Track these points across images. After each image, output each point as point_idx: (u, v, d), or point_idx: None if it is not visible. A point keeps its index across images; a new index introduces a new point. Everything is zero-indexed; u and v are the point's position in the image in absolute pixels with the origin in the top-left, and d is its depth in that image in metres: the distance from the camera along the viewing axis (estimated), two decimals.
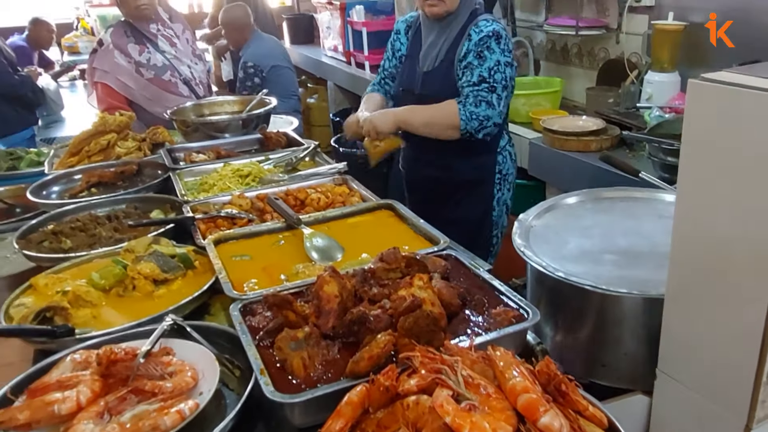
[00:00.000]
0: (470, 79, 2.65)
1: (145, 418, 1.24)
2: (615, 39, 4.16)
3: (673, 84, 3.63)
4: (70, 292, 1.68)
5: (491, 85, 2.63)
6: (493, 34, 2.64)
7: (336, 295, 1.49)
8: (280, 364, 1.38)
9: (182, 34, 4.10)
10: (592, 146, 3.62)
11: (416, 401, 1.14)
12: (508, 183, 3.03)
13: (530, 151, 4.08)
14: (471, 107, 2.62)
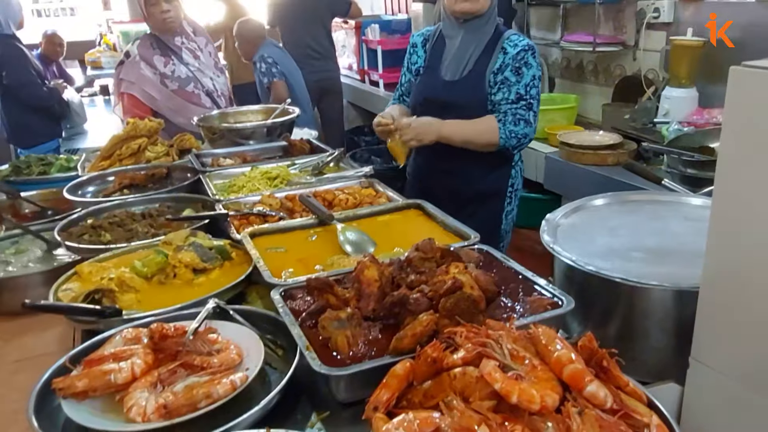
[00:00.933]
0: (508, 97, 2.67)
1: (197, 388, 1.28)
2: (632, 56, 4.23)
3: (691, 99, 3.68)
4: (115, 278, 1.73)
5: (528, 102, 2.66)
6: (529, 48, 2.68)
7: (376, 279, 1.54)
8: (324, 343, 1.42)
9: (205, 47, 4.20)
10: (609, 160, 3.68)
11: (463, 372, 1.18)
12: (516, 197, 3.06)
13: (546, 165, 4.13)
14: (510, 126, 2.65)
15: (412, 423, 1.06)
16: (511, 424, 1.09)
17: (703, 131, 3.35)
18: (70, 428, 1.32)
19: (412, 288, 1.56)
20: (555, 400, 1.11)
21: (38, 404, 1.33)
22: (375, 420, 1.14)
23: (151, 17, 3.90)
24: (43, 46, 6.57)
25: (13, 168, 3.44)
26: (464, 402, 1.13)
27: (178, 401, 1.26)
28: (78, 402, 1.32)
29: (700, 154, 3.05)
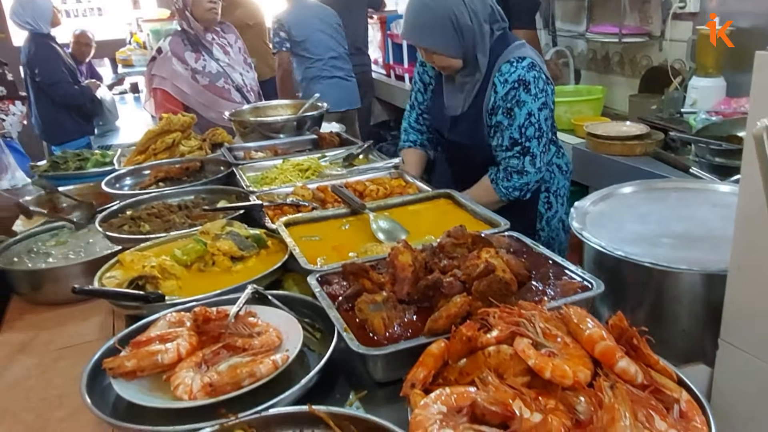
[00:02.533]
0: (502, 143, 2.50)
1: (240, 367, 1.34)
2: (658, 46, 4.20)
3: (718, 89, 3.65)
4: (156, 265, 1.80)
5: (523, 146, 2.46)
6: (520, 83, 2.39)
7: (410, 264, 1.59)
8: (361, 325, 1.47)
9: (234, 43, 4.27)
10: (636, 150, 3.67)
11: (497, 350, 1.22)
12: (561, 198, 2.84)
13: (573, 156, 4.13)
14: (504, 183, 2.53)
15: (449, 397, 1.11)
16: (545, 399, 1.13)
17: (730, 120, 3.32)
18: (120, 407, 1.39)
19: (444, 273, 1.61)
20: (587, 375, 1.14)
21: (89, 384, 1.40)
22: (412, 396, 1.18)
23: (197, 6, 3.95)
24: (72, 46, 6.72)
25: (51, 164, 3.54)
26: (499, 378, 1.17)
27: (222, 380, 1.31)
28: (127, 381, 1.39)
29: (728, 143, 3.03)
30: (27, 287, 2.18)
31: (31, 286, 2.18)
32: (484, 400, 1.08)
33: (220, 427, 1.20)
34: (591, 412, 1.09)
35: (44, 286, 2.15)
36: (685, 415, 1.15)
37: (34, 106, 5.77)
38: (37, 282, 2.17)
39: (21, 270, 2.22)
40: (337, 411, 1.23)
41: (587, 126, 3.95)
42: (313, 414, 1.22)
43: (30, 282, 2.17)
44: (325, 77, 5.65)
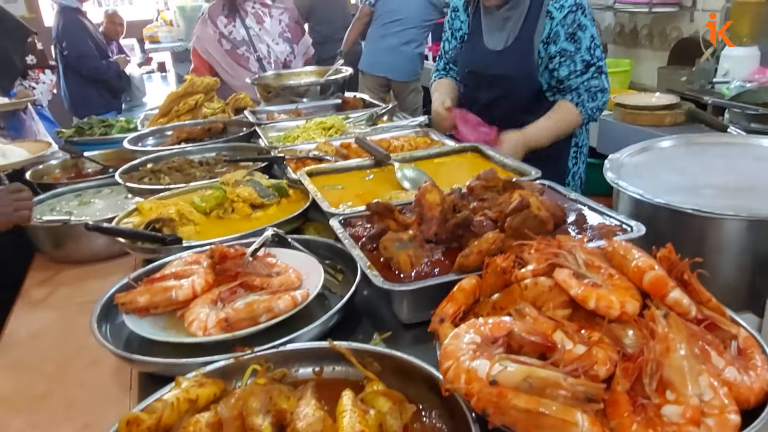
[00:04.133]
0: (574, 69, 2.42)
1: (258, 303, 1.26)
2: (689, 17, 4.04)
3: (752, 58, 3.50)
4: (175, 210, 1.73)
5: (597, 65, 2.43)
6: (578, 7, 2.38)
7: (437, 203, 1.49)
8: (386, 264, 1.38)
9: (279, 15, 4.19)
10: (666, 120, 3.53)
11: (534, 282, 1.12)
12: (583, 155, 2.83)
13: (600, 127, 4.00)
14: (590, 104, 2.46)
15: (482, 327, 1.01)
16: (588, 332, 1.02)
17: (766, 87, 3.19)
18: (133, 344, 1.32)
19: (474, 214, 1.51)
20: (635, 306, 1.04)
21: (101, 319, 1.34)
22: (442, 329, 1.09)
23: None
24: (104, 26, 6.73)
25: (76, 129, 3.52)
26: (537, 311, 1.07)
27: (238, 315, 1.24)
28: (139, 318, 1.32)
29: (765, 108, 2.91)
30: (49, 245, 2.13)
31: (53, 243, 2.13)
32: (522, 329, 0.98)
33: (236, 361, 1.12)
34: (640, 345, 0.99)
35: (66, 244, 2.11)
36: (744, 353, 1.04)
37: (62, 80, 5.77)
38: (59, 239, 2.12)
39: (43, 227, 2.17)
40: (359, 347, 1.14)
41: (615, 97, 3.83)
42: (334, 350, 1.13)
43: (52, 239, 2.12)
44: (390, 41, 5.52)
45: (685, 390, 0.89)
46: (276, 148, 2.40)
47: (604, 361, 0.96)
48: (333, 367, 1.15)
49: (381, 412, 0.96)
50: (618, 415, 0.91)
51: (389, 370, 1.11)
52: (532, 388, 0.90)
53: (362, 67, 5.65)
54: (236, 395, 0.97)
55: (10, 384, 1.41)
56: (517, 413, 0.84)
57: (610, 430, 0.90)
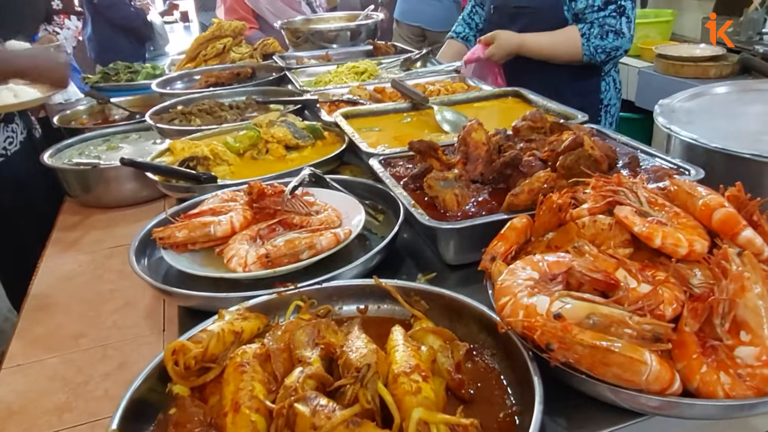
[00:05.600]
0: (593, 3, 2.28)
1: (299, 239, 1.22)
2: None
3: None
4: (208, 149, 1.69)
5: (618, 5, 2.25)
6: None
7: (483, 142, 1.42)
8: (430, 203, 1.32)
9: None
10: (711, 72, 3.38)
11: (593, 220, 1.06)
12: (610, 116, 2.70)
13: (639, 80, 3.85)
14: (596, 40, 2.29)
15: (540, 263, 0.95)
16: (652, 271, 0.96)
17: None
18: (170, 281, 1.29)
19: None
20: (704, 245, 0.98)
21: (138, 255, 1.31)
22: (494, 267, 1.04)
23: None
24: None
25: (102, 75, 3.47)
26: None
27: (279, 251, 1.19)
28: (177, 254, 1.28)
29: None
30: (79, 188, 2.11)
31: (83, 187, 2.11)
32: (583, 266, 0.92)
33: (278, 296, 1.08)
34: (709, 286, 0.93)
35: (95, 188, 2.08)
36: None
37: (90, 28, 5.71)
38: (89, 183, 2.10)
39: (72, 170, 2.15)
40: (405, 284, 1.09)
41: (657, 48, 3.67)
42: (379, 287, 1.08)
43: (81, 183, 2.10)
44: None
45: (761, 331, 0.83)
46: (308, 92, 2.33)
47: (670, 300, 0.90)
48: (378, 306, 1.11)
49: (433, 348, 0.91)
50: (686, 357, 0.85)
51: (437, 309, 1.06)
52: (595, 326, 0.85)
53: (397, 16, 5.50)
54: (283, 328, 0.93)
55: (43, 325, 1.40)
56: (583, 349, 0.80)
57: (678, 373, 0.85)
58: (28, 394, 1.18)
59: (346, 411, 0.73)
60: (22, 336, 1.38)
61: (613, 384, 0.82)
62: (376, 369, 0.79)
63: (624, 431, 0.90)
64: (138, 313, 1.41)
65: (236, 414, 0.78)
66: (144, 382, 0.90)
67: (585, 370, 0.82)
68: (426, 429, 0.75)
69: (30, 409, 1.14)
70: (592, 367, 0.81)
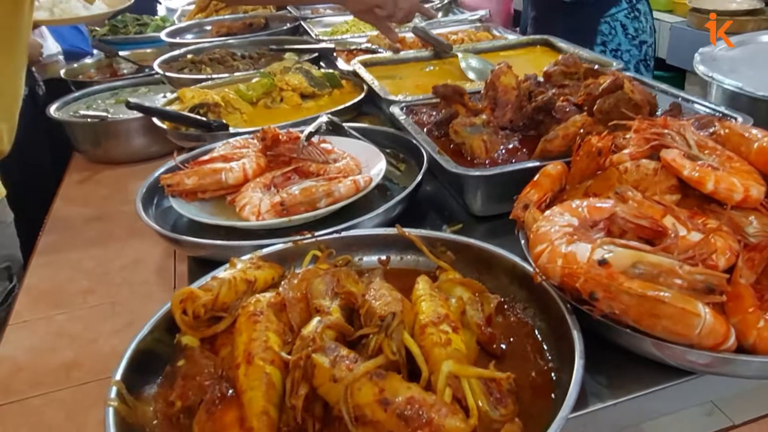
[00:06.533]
0: None
1: (316, 187, 1.14)
2: None
3: None
4: (220, 97, 1.60)
5: None
6: None
7: (513, 87, 1.33)
8: (456, 150, 1.24)
9: None
10: (749, 27, 3.22)
11: (636, 164, 0.97)
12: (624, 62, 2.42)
13: (671, 36, 3.69)
14: None
15: (579, 208, 0.87)
16: (703, 219, 0.88)
17: None
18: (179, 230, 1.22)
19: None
20: (761, 191, 0.89)
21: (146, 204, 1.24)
22: (528, 215, 0.96)
23: None
24: None
25: (110, 28, 3.37)
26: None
27: (295, 199, 1.12)
28: (187, 203, 1.21)
29: None
30: (86, 143, 2.04)
31: (91, 141, 2.04)
32: (627, 212, 0.84)
33: (294, 245, 1.01)
34: (766, 234, 0.84)
35: (104, 142, 2.02)
36: None
37: None
38: (97, 137, 2.03)
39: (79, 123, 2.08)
40: (430, 234, 1.02)
41: (691, 1, 3.50)
42: (402, 237, 1.01)
43: (90, 137, 2.03)
44: None
45: None
46: (324, 41, 2.23)
47: (723, 250, 0.82)
48: (401, 257, 1.04)
49: (462, 299, 0.84)
50: (741, 311, 0.77)
51: (464, 261, 0.99)
52: (641, 276, 0.77)
53: None
54: (299, 276, 0.86)
55: (50, 282, 1.36)
56: (630, 299, 0.72)
57: (732, 327, 0.77)
58: (35, 350, 1.15)
59: (369, 362, 0.67)
60: (29, 292, 1.34)
61: (661, 338, 0.75)
62: (401, 318, 0.72)
63: (669, 391, 0.83)
64: (148, 270, 1.36)
65: (249, 366, 0.72)
66: (151, 332, 0.84)
67: (631, 322, 0.74)
68: (456, 383, 0.68)
69: (37, 365, 1.11)
70: (639, 319, 0.73)
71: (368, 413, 0.64)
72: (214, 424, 0.69)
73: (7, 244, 1.56)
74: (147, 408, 0.73)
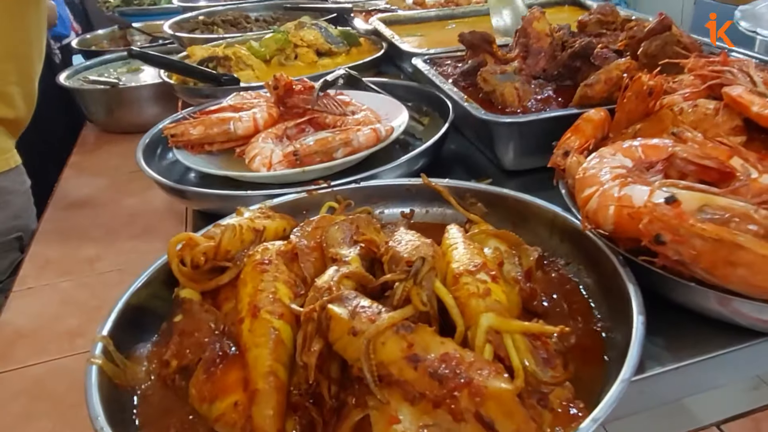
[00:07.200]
0: None
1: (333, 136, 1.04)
2: None
3: None
4: (229, 53, 1.51)
5: None
6: None
7: (547, 34, 1.22)
8: (486, 99, 1.13)
9: None
10: None
11: (693, 104, 0.86)
12: None
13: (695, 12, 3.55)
14: None
15: (633, 149, 0.76)
16: None
17: None
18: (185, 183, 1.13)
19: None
20: None
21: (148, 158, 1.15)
22: (569, 163, 0.85)
23: None
24: None
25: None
26: None
27: (310, 148, 1.02)
28: (192, 155, 1.12)
29: None
30: (97, 110, 1.96)
31: (103, 109, 1.96)
32: (689, 152, 0.73)
33: (308, 195, 0.91)
34: None
35: (115, 111, 1.93)
36: None
37: None
38: (109, 105, 1.95)
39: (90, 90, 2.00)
40: (459, 184, 0.91)
41: None
42: (428, 187, 0.91)
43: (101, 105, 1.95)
44: None
45: None
46: (340, 2, 2.12)
47: None
48: (426, 210, 0.94)
49: (500, 249, 0.74)
50: None
51: (497, 213, 0.89)
52: (711, 222, 0.66)
53: None
54: (314, 224, 0.76)
55: (56, 249, 1.28)
56: (703, 243, 0.61)
57: None
58: (39, 317, 1.07)
59: (395, 313, 0.56)
60: (35, 259, 1.26)
61: (734, 293, 0.64)
62: (433, 264, 0.62)
63: (735, 355, 0.72)
64: (158, 239, 1.27)
65: (254, 320, 0.62)
66: (145, 286, 0.75)
67: (701, 271, 0.63)
68: (498, 339, 0.58)
69: (40, 332, 1.03)
70: (712, 268, 0.62)
71: (394, 372, 0.54)
72: (214, 385, 0.60)
73: (21, 213, 1.50)
74: (138, 368, 0.64)
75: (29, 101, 1.42)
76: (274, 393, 0.57)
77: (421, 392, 0.52)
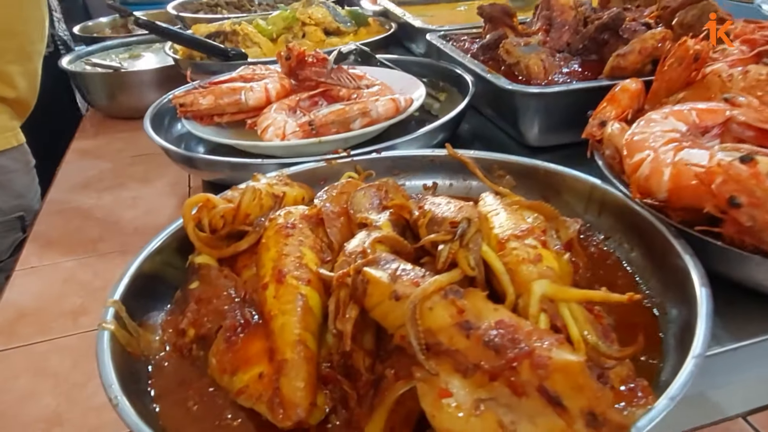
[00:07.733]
0: None
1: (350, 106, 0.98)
2: None
3: None
4: (237, 29, 1.44)
5: None
6: None
7: (571, 6, 1.16)
8: (508, 72, 1.07)
9: None
10: None
11: (744, 71, 0.81)
12: None
13: None
14: None
15: (686, 113, 0.71)
16: None
17: None
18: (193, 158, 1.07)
19: None
20: None
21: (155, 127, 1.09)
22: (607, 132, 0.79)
23: None
24: None
25: None
26: None
27: (326, 118, 0.96)
28: (202, 126, 1.06)
29: None
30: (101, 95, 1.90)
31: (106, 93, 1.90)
32: (748, 116, 0.68)
33: (327, 164, 0.85)
34: None
35: (118, 95, 1.88)
36: None
37: None
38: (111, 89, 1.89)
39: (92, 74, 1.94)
40: (486, 155, 0.86)
41: None
42: (453, 158, 0.85)
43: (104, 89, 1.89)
44: None
45: None
46: None
47: None
48: (450, 183, 0.88)
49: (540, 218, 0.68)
50: None
51: (527, 186, 0.83)
52: None
53: None
54: (338, 189, 0.70)
55: (59, 229, 1.25)
56: None
57: None
58: (42, 297, 1.03)
59: (442, 276, 0.50)
60: (37, 239, 1.22)
61: None
62: (479, 226, 0.56)
63: None
64: (160, 221, 1.22)
65: (280, 285, 0.56)
66: (158, 252, 0.68)
67: None
68: (553, 309, 0.52)
69: (43, 312, 0.99)
70: None
71: (444, 340, 0.48)
72: (236, 355, 0.54)
73: (25, 193, 1.46)
74: (152, 337, 0.58)
75: (31, 81, 1.37)
76: (304, 363, 0.51)
77: (475, 363, 0.46)
